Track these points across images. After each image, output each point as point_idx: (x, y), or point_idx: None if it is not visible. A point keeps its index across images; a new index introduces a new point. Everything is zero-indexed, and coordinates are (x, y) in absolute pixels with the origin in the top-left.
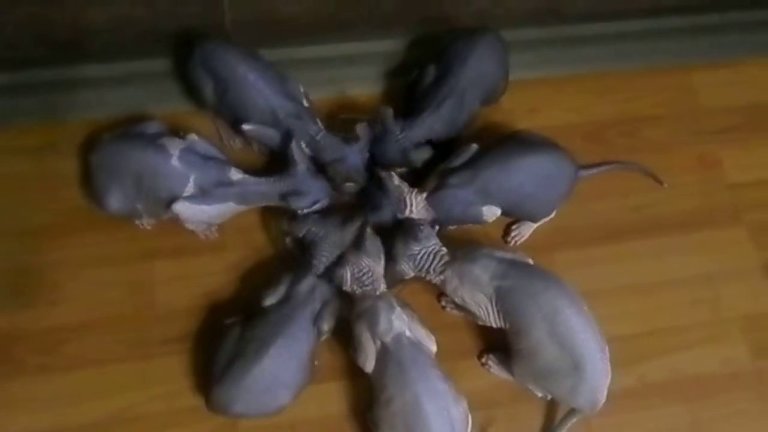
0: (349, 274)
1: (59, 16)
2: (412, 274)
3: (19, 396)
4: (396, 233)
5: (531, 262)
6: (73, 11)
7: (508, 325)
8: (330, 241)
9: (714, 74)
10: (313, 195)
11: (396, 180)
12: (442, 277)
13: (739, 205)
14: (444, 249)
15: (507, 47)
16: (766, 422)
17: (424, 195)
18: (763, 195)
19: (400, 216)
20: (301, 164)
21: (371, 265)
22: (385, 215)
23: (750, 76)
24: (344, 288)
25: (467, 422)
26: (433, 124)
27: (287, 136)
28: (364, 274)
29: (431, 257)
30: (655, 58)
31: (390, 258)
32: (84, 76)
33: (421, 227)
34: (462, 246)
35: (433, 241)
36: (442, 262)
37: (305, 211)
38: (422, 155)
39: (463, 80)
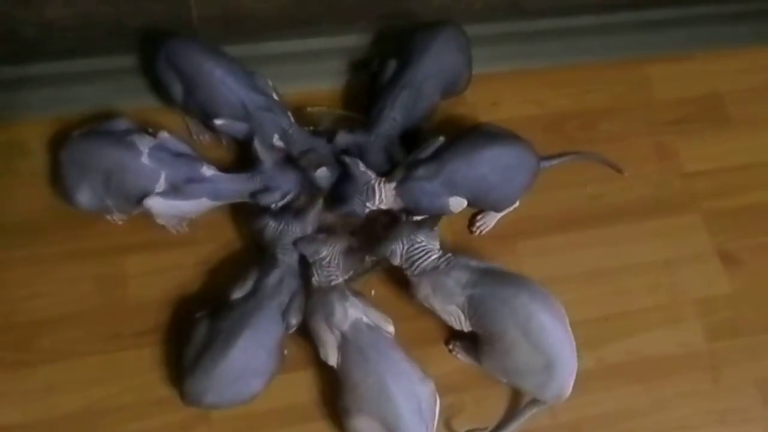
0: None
1: (25, 14)
2: (397, 261)
3: None
4: (410, 219)
5: (504, 268)
6: (39, 9)
7: (480, 331)
8: (291, 234)
9: (667, 67)
10: (282, 189)
11: (361, 167)
12: (416, 278)
13: (694, 193)
14: (438, 255)
15: (468, 40)
16: (720, 400)
17: (393, 185)
18: (717, 183)
19: (369, 206)
20: (267, 161)
21: (333, 251)
22: (356, 206)
23: (701, 69)
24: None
25: (435, 400)
26: (394, 116)
27: (260, 129)
28: (329, 261)
29: (424, 254)
30: (611, 52)
31: (388, 236)
32: (51, 73)
33: (436, 228)
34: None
35: (437, 245)
36: (429, 260)
37: (277, 205)
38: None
39: (422, 71)
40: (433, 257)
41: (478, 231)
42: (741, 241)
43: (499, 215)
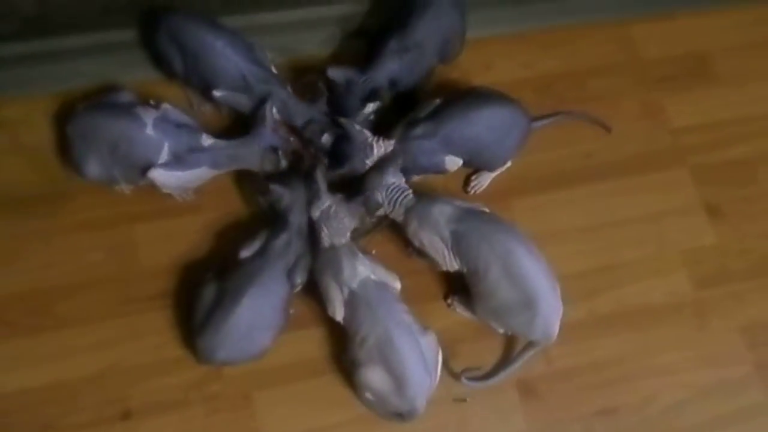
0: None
1: None
2: (382, 205)
3: (14, 355)
4: (371, 168)
5: (487, 210)
6: None
7: (464, 269)
8: (301, 201)
9: (651, 27)
10: (279, 149)
11: (357, 126)
12: (402, 216)
13: (681, 148)
14: (409, 189)
15: (463, 3)
16: (705, 346)
17: (392, 142)
18: (704, 138)
19: (368, 163)
20: (269, 124)
21: (342, 210)
22: (356, 163)
23: (684, 27)
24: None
25: (437, 350)
26: (394, 68)
27: (261, 100)
28: (335, 213)
29: (400, 191)
30: (597, 14)
31: (365, 189)
32: (52, 49)
33: (397, 161)
34: (423, 194)
35: (403, 179)
36: (408, 197)
37: (281, 165)
38: (368, 110)
39: (422, 30)
40: (410, 194)
41: (473, 190)
42: (726, 194)
43: (493, 174)
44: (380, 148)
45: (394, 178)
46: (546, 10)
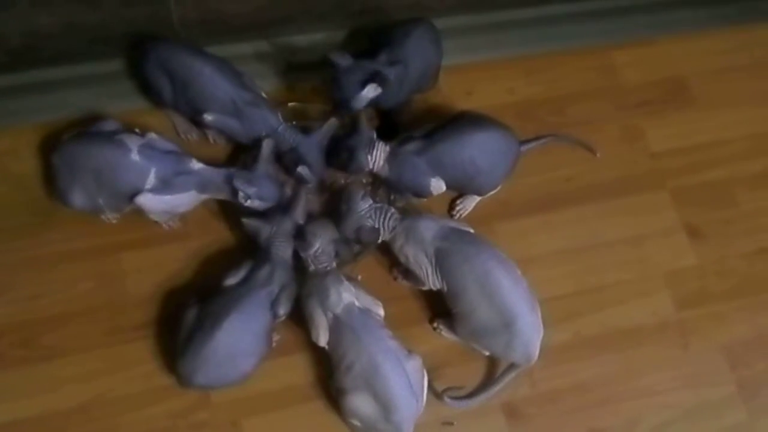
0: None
1: (10, 24)
2: (379, 231)
3: (2, 387)
4: (338, 206)
5: (472, 231)
6: (24, 19)
7: (445, 288)
8: (282, 233)
9: (631, 53)
10: (263, 193)
11: (365, 124)
12: (389, 233)
13: (662, 171)
14: (389, 207)
15: (439, 35)
16: (689, 366)
17: (388, 149)
18: (683, 161)
19: (369, 160)
20: (264, 164)
21: (324, 241)
22: (362, 159)
23: (663, 53)
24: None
25: (423, 375)
26: (384, 67)
27: (249, 127)
28: (321, 250)
29: (381, 212)
30: (578, 40)
31: (347, 203)
32: (38, 80)
33: (357, 192)
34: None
35: (373, 200)
36: (393, 217)
37: (250, 205)
38: (368, 93)
39: (406, 55)
40: (389, 209)
41: (458, 214)
42: (706, 216)
43: (479, 199)
44: (378, 150)
45: (364, 203)
46: (526, 36)
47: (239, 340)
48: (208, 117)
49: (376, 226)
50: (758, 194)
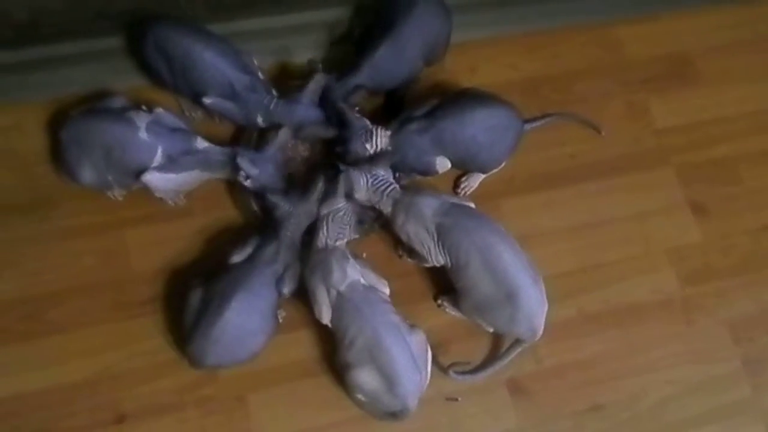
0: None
1: (16, 1)
2: (364, 194)
3: (7, 361)
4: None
5: (473, 205)
6: None
7: (448, 263)
8: (298, 214)
9: (635, 29)
10: (263, 177)
11: (356, 114)
12: (390, 209)
13: (666, 148)
14: (396, 183)
15: (447, 7)
16: (693, 342)
17: (389, 132)
18: (688, 137)
19: (368, 147)
20: (275, 150)
21: (346, 208)
22: (357, 147)
23: (667, 29)
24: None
25: (426, 348)
26: (370, 73)
27: (246, 110)
28: (342, 217)
29: (387, 183)
30: (582, 16)
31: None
32: (44, 56)
33: (389, 158)
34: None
35: (391, 175)
36: (395, 189)
37: (248, 185)
38: (358, 97)
39: (404, 35)
40: (397, 186)
41: (462, 192)
42: (710, 192)
43: (483, 176)
44: (377, 136)
45: (383, 172)
46: (530, 12)
47: (247, 319)
48: (207, 100)
49: (363, 184)
50: (763, 171)
